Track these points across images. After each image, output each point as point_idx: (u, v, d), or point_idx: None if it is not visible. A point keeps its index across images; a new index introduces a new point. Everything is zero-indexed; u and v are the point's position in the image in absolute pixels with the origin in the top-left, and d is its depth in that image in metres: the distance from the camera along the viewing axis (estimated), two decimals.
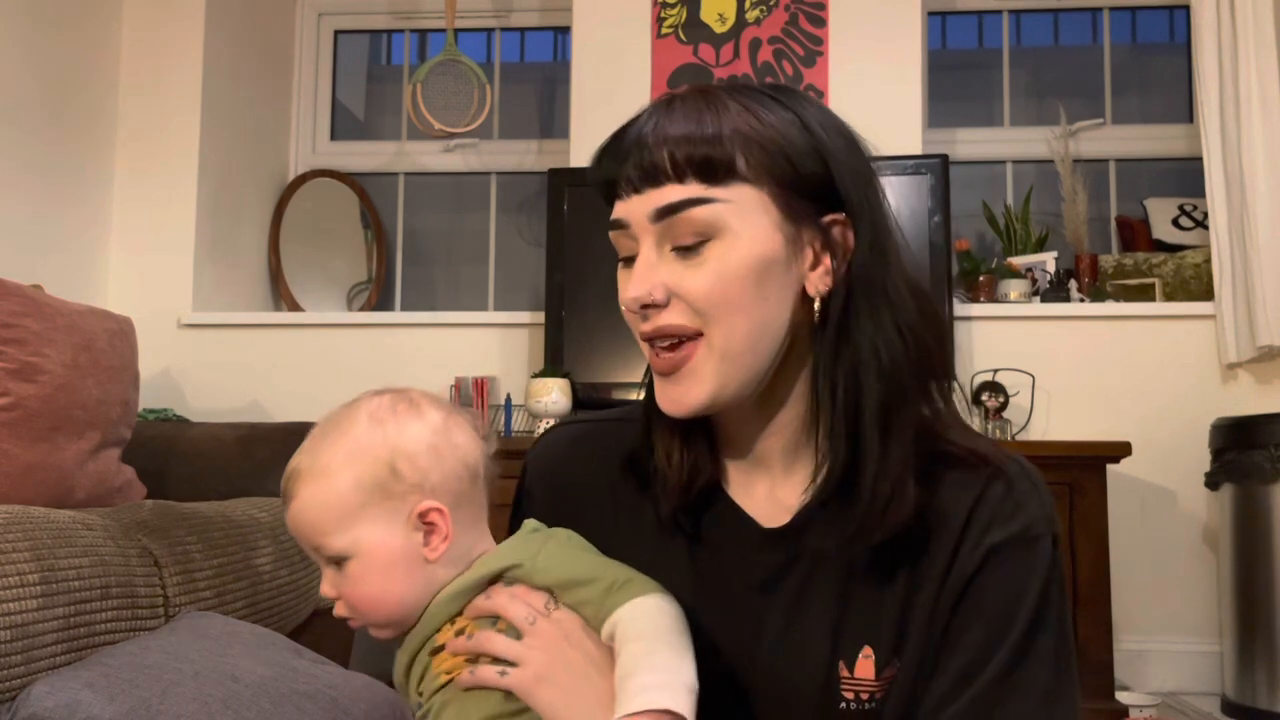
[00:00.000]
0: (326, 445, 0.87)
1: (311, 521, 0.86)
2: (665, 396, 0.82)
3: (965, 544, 0.82)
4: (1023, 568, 0.81)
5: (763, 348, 0.81)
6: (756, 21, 3.05)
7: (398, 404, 0.89)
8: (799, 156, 0.80)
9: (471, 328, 3.12)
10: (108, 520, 1.57)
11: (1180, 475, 2.80)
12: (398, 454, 0.85)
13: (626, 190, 0.82)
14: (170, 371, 3.05)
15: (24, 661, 1.28)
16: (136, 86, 3.10)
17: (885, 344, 0.80)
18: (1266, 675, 2.47)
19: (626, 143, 0.82)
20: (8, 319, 1.72)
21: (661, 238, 0.80)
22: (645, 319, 0.81)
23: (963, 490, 0.83)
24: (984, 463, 0.84)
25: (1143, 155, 3.35)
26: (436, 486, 0.86)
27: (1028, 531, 0.81)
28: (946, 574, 0.82)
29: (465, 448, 0.89)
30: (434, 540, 0.86)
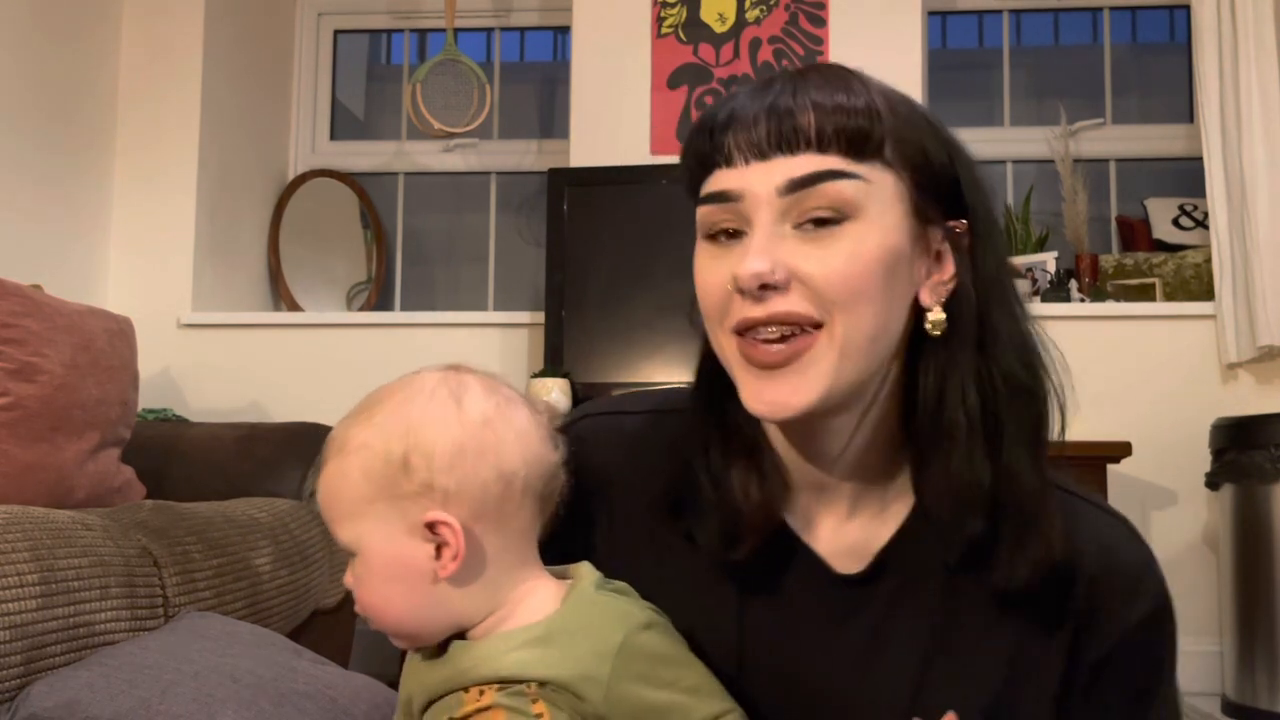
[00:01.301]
0: (360, 418, 0.78)
1: (323, 502, 0.78)
2: (764, 398, 0.71)
3: (1098, 620, 0.75)
4: (1160, 640, 0.77)
5: (879, 350, 0.72)
6: (756, 21, 3.05)
7: (441, 386, 0.78)
8: (934, 151, 0.74)
9: (471, 328, 3.12)
10: (107, 520, 1.57)
11: (1180, 475, 2.80)
12: (414, 446, 0.74)
13: (746, 156, 0.72)
14: (170, 371, 3.05)
15: (24, 661, 1.28)
16: (136, 86, 3.09)
17: (1019, 360, 0.74)
18: (1267, 675, 2.47)
19: (750, 110, 0.72)
20: (7, 319, 1.72)
21: (784, 214, 0.71)
22: (758, 301, 0.70)
23: (1089, 545, 0.76)
24: (1101, 512, 0.78)
25: (1143, 155, 3.35)
26: (452, 494, 0.73)
27: (1163, 601, 0.77)
28: (1073, 644, 0.75)
29: (508, 453, 0.75)
30: (444, 556, 0.74)
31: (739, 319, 0.71)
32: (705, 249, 0.75)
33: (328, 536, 2.35)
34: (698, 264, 0.75)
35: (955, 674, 0.75)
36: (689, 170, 0.76)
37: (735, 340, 0.72)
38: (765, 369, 0.70)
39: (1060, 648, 0.76)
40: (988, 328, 0.74)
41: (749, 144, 0.71)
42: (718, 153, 0.73)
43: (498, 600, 0.76)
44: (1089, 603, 0.75)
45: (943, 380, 0.73)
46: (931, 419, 0.73)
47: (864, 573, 0.77)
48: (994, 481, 0.72)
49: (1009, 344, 0.74)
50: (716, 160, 0.73)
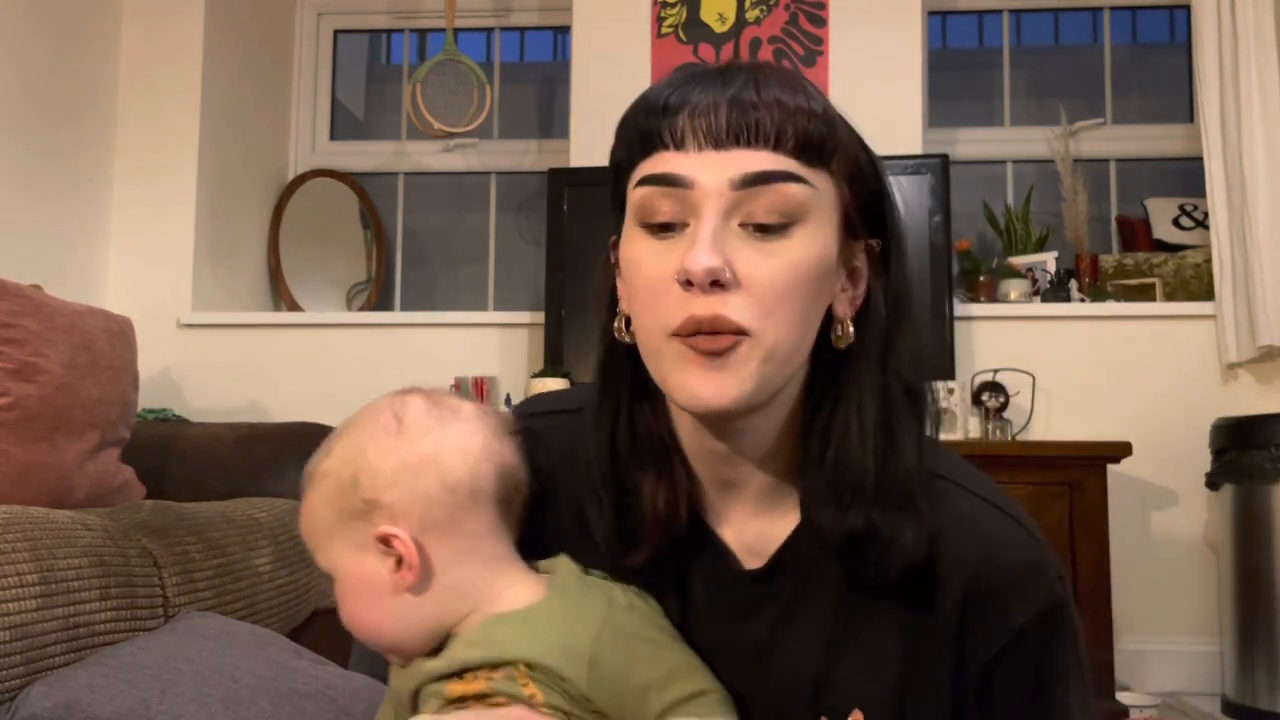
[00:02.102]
0: (324, 450, 0.82)
1: (303, 534, 0.82)
2: (704, 386, 0.69)
3: (984, 619, 0.75)
4: (1052, 640, 0.76)
5: (796, 359, 0.72)
6: (756, 21, 3.05)
7: (386, 409, 0.81)
8: (867, 168, 0.74)
9: (471, 328, 3.12)
10: (107, 520, 1.57)
11: (1181, 475, 2.80)
12: (360, 468, 0.78)
13: (700, 142, 0.69)
14: (170, 371, 3.05)
15: (23, 661, 1.28)
16: (136, 86, 3.09)
17: (910, 373, 0.75)
18: (1267, 675, 2.47)
19: (709, 96, 0.70)
20: (7, 319, 1.71)
21: (732, 210, 0.69)
22: (705, 294, 0.68)
23: (971, 542, 0.75)
24: (988, 508, 0.77)
25: (1143, 155, 3.35)
26: (399, 509, 0.77)
27: (1053, 602, 0.76)
28: (959, 645, 0.75)
29: (450, 463, 0.78)
30: (402, 567, 0.78)
31: (685, 317, 0.68)
32: (642, 238, 0.72)
33: None
34: (633, 252, 0.72)
35: (855, 671, 0.76)
36: (626, 146, 0.73)
37: (675, 340, 0.70)
38: (706, 355, 0.69)
39: (949, 645, 0.76)
40: (891, 343, 0.74)
41: (706, 130, 0.69)
42: (668, 133, 0.70)
43: (473, 600, 0.79)
44: (974, 601, 0.75)
45: (841, 390, 0.74)
46: (826, 423, 0.74)
47: (764, 569, 0.78)
48: (875, 481, 0.73)
49: (907, 357, 0.75)
50: (664, 140, 0.70)
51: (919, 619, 0.76)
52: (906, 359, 0.75)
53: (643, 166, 0.71)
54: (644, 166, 0.71)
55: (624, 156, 0.74)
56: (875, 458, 0.73)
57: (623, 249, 0.74)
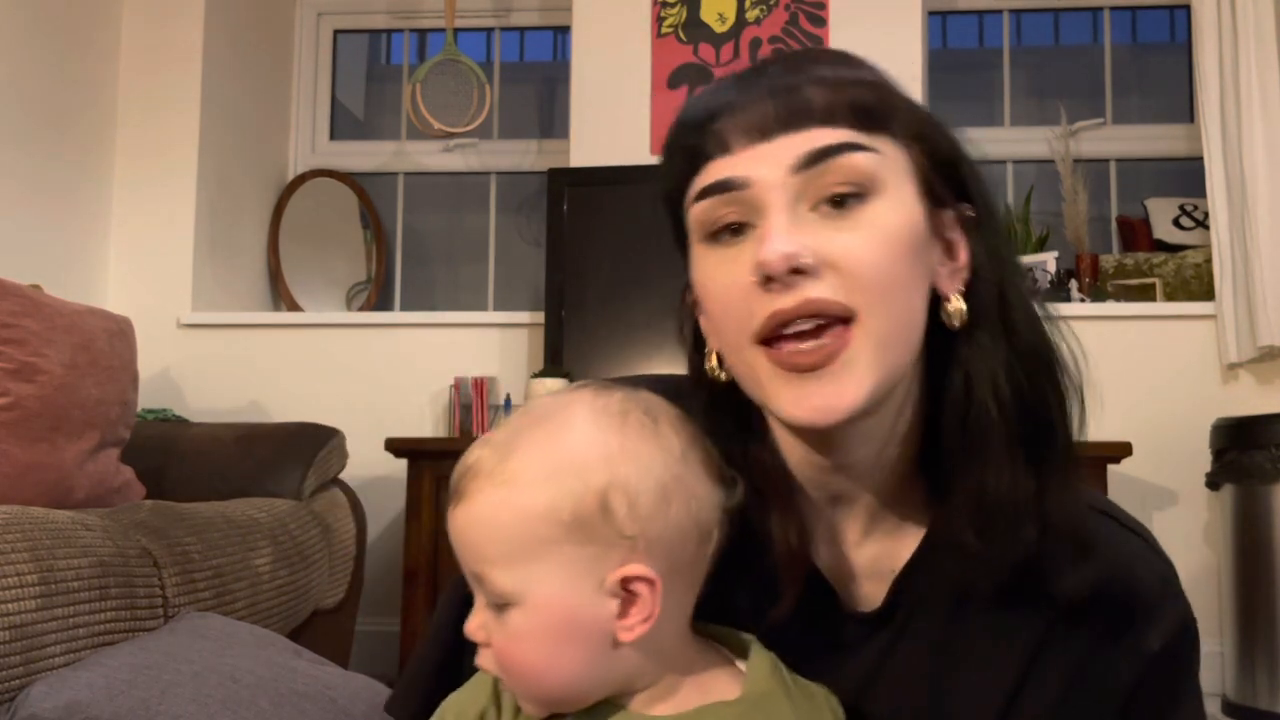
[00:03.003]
0: (525, 444, 0.65)
1: (479, 541, 0.65)
2: (808, 404, 0.63)
3: (1116, 640, 0.70)
4: (1184, 671, 0.72)
5: (912, 341, 0.65)
6: (756, 21, 3.05)
7: (631, 411, 0.66)
8: (934, 127, 0.68)
9: (471, 328, 3.12)
10: (107, 521, 1.57)
11: (1181, 475, 2.80)
12: (615, 485, 0.63)
13: (748, 140, 0.64)
14: (169, 371, 3.05)
15: (23, 662, 1.28)
16: (136, 86, 3.09)
17: (1042, 353, 0.67)
18: (1267, 675, 2.47)
19: (746, 93, 0.66)
20: (7, 319, 1.72)
21: (800, 196, 0.64)
22: (787, 288, 0.62)
23: (1100, 562, 0.69)
24: (1117, 524, 0.72)
25: (1143, 155, 3.35)
26: (653, 544, 0.63)
27: (1186, 624, 0.72)
28: (1082, 676, 0.70)
29: (702, 496, 0.65)
30: (632, 616, 0.63)
31: (769, 314, 0.62)
32: (708, 253, 0.66)
33: (327, 536, 2.36)
34: (703, 271, 0.67)
35: (958, 701, 0.71)
36: (676, 170, 0.68)
37: (763, 352, 0.64)
38: (803, 372, 0.63)
39: (1070, 676, 0.70)
40: (1009, 316, 0.67)
41: (749, 126, 0.65)
42: (712, 142, 0.66)
43: (668, 665, 0.66)
44: (1107, 622, 0.70)
45: (968, 376, 0.66)
46: (960, 419, 0.67)
47: (880, 610, 0.72)
48: (1039, 490, 0.65)
49: (1032, 333, 0.68)
50: (710, 151, 0.66)
51: (1040, 649, 0.70)
52: (1034, 337, 0.68)
53: (695, 184, 0.67)
54: (696, 184, 0.67)
55: (674, 185, 0.69)
56: (1026, 458, 0.65)
57: (694, 273, 0.68)
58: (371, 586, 2.59)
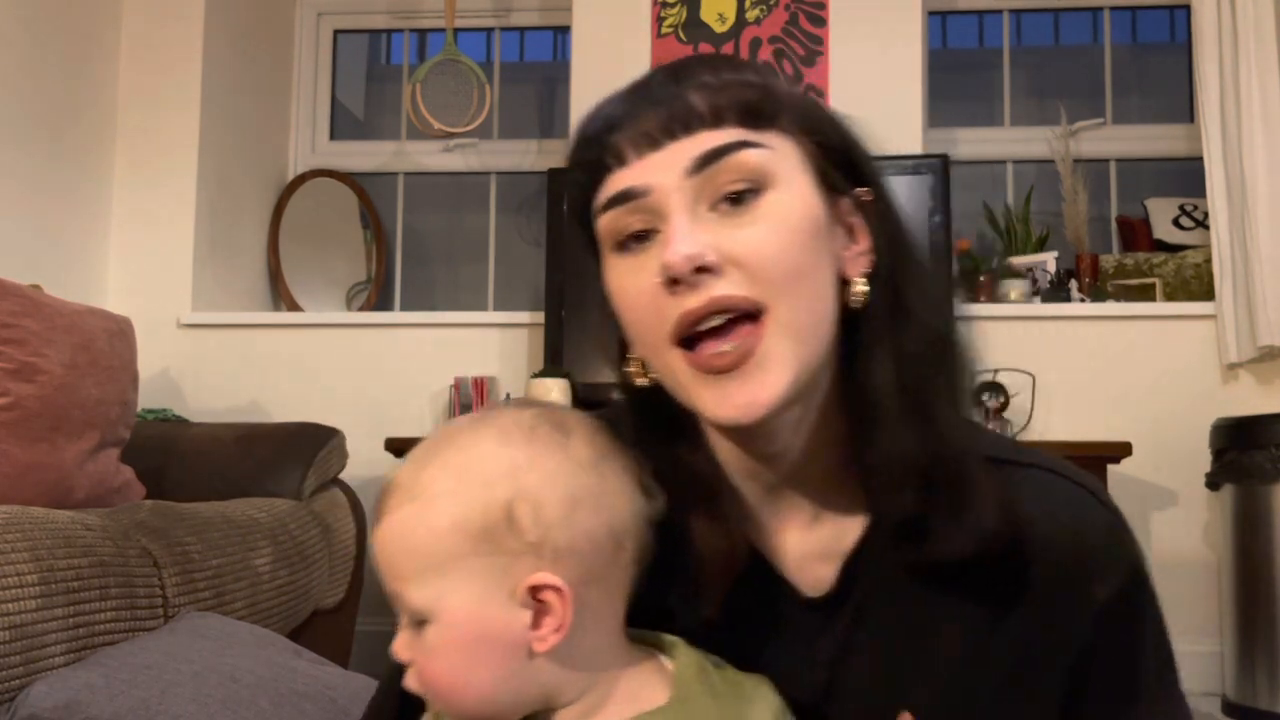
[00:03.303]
0: (436, 460, 0.66)
1: (393, 559, 0.66)
2: (730, 403, 0.65)
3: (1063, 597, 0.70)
4: (1139, 624, 0.72)
5: (824, 329, 0.67)
6: (756, 21, 3.05)
7: (540, 425, 0.67)
8: (823, 118, 0.71)
9: (471, 328, 3.12)
10: (107, 521, 1.57)
11: (1181, 475, 2.80)
12: (520, 495, 0.64)
13: (641, 149, 0.67)
14: (169, 371, 3.05)
15: (23, 662, 1.28)
16: (136, 86, 3.09)
17: (938, 329, 0.70)
18: (1267, 675, 2.47)
19: (632, 105, 0.69)
20: (7, 319, 1.72)
21: (698, 197, 0.66)
22: (694, 288, 0.64)
23: (1043, 511, 0.70)
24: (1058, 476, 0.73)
25: (1143, 155, 3.35)
26: (562, 553, 0.64)
27: (1136, 577, 0.72)
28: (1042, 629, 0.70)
29: (617, 506, 0.66)
30: (544, 626, 0.64)
31: (680, 315, 0.64)
32: (618, 262, 0.68)
33: (328, 536, 2.36)
34: (613, 282, 0.69)
35: (917, 677, 0.71)
36: (579, 186, 0.71)
37: (682, 355, 0.65)
38: (721, 373, 0.64)
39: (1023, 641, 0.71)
40: (903, 296, 0.70)
41: (640, 136, 0.67)
42: (608, 154, 0.68)
43: (594, 678, 0.67)
44: (1051, 580, 0.70)
45: (868, 355, 0.69)
46: (860, 395, 0.69)
47: (831, 593, 0.73)
48: (923, 451, 0.67)
49: (927, 312, 0.70)
50: (608, 164, 0.68)
51: (995, 611, 0.71)
52: (923, 306, 0.70)
53: (598, 197, 0.69)
54: (599, 196, 0.69)
55: (580, 197, 0.71)
56: (914, 424, 0.67)
57: (607, 283, 0.71)
58: (371, 586, 2.59)
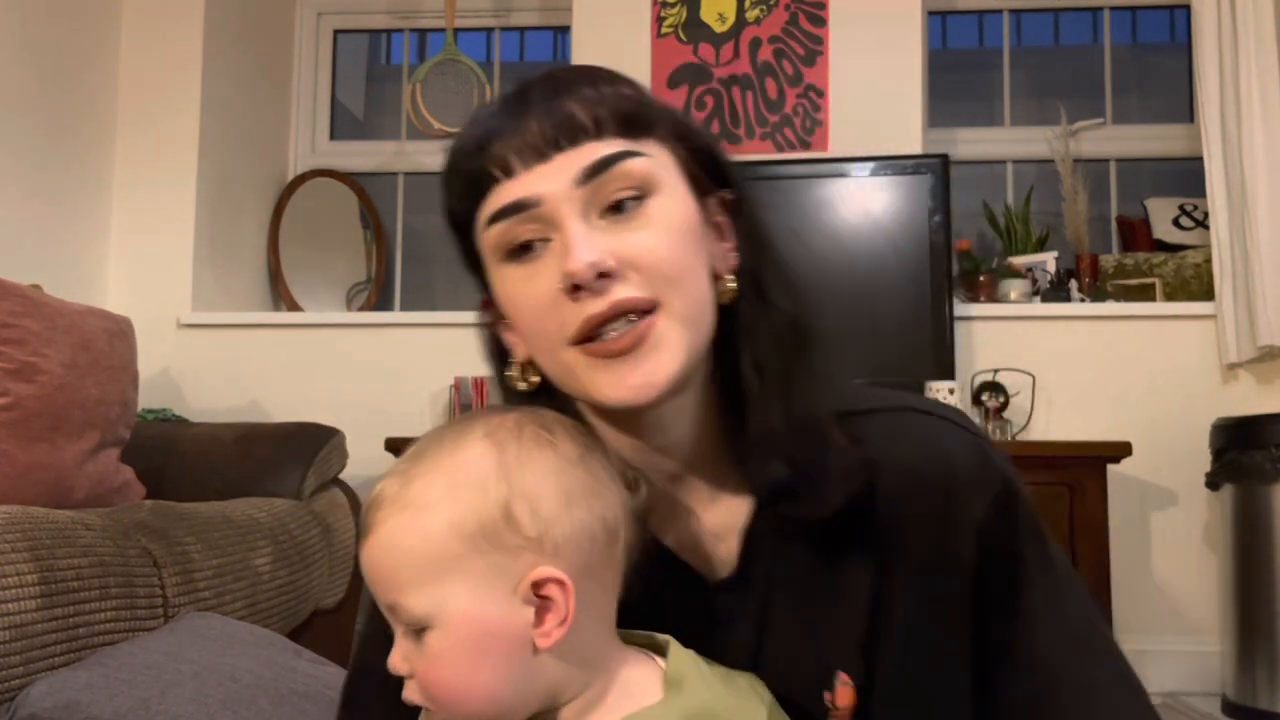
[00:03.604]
0: (424, 469, 0.66)
1: (389, 570, 0.65)
2: (626, 383, 0.68)
3: (944, 522, 0.74)
4: (1020, 532, 0.76)
5: (708, 319, 0.72)
6: (756, 21, 3.05)
7: (525, 425, 0.68)
8: (688, 126, 0.75)
9: (471, 328, 3.10)
10: (107, 520, 1.57)
11: (1181, 475, 2.80)
12: (516, 493, 0.64)
13: (528, 161, 0.69)
14: (169, 371, 3.05)
15: (23, 662, 1.28)
16: (136, 86, 3.09)
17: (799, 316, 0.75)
18: (1267, 675, 2.47)
19: (514, 119, 0.70)
20: (7, 319, 1.72)
21: (587, 205, 0.69)
22: (597, 294, 0.67)
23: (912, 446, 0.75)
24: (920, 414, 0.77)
25: (1143, 155, 3.35)
26: (561, 547, 0.64)
27: (1008, 488, 0.76)
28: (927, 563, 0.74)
29: (608, 499, 0.67)
30: (548, 621, 0.64)
31: (584, 319, 0.67)
32: (511, 271, 0.70)
33: (328, 536, 2.36)
34: (509, 289, 0.71)
35: (843, 633, 0.74)
36: (460, 198, 0.72)
37: (578, 350, 0.68)
38: (616, 357, 0.67)
39: (924, 566, 0.74)
40: (765, 289, 0.74)
41: (526, 148, 0.69)
42: (493, 166, 0.70)
43: (593, 674, 0.67)
44: (930, 510, 0.74)
45: (737, 344, 0.74)
46: (731, 381, 0.74)
47: (736, 572, 0.76)
48: (785, 425, 0.72)
49: (787, 302, 0.75)
50: (493, 176, 0.70)
51: (890, 559, 0.74)
52: (784, 296, 0.75)
53: (484, 209, 0.71)
54: (486, 208, 0.71)
55: (460, 208, 0.73)
56: (778, 399, 0.72)
57: (498, 292, 0.73)
58: None
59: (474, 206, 0.72)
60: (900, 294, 2.76)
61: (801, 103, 3.02)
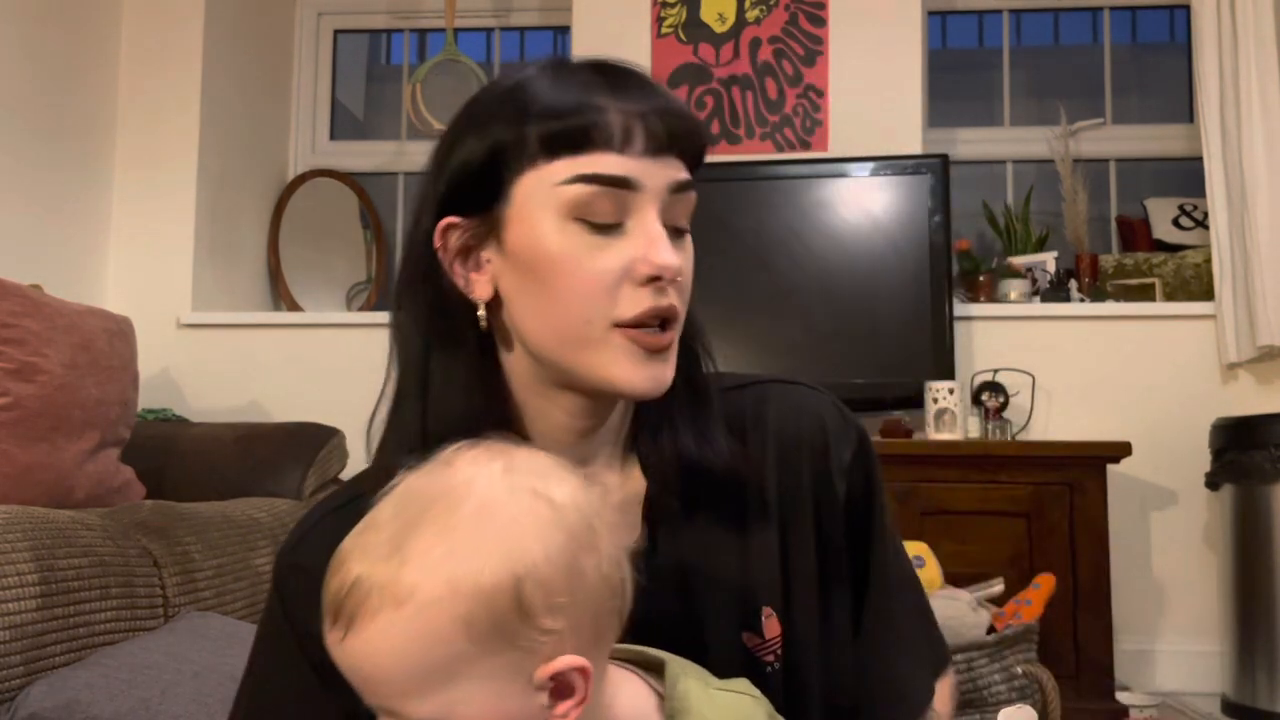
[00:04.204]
0: (415, 545, 0.57)
1: (385, 676, 0.57)
2: (646, 374, 0.74)
3: (824, 467, 0.83)
4: (873, 469, 0.86)
5: None
6: (756, 21, 3.05)
7: (516, 478, 0.61)
8: None
9: None
10: (107, 520, 1.57)
11: (1180, 475, 2.80)
12: (526, 577, 0.56)
13: (645, 148, 0.73)
14: (169, 371, 3.05)
15: (24, 661, 1.28)
16: (136, 86, 3.09)
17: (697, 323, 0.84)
18: (1266, 675, 2.47)
19: (642, 100, 0.74)
20: (7, 319, 1.72)
21: (663, 214, 0.74)
22: (663, 292, 0.74)
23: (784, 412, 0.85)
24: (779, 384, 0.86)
25: (1143, 155, 3.35)
26: (579, 623, 0.58)
27: (863, 435, 0.86)
28: (815, 506, 0.83)
29: (611, 554, 0.61)
30: (565, 705, 0.59)
31: (647, 308, 0.73)
32: (579, 234, 0.73)
33: None
34: (563, 247, 0.73)
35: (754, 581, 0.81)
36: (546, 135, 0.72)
37: (621, 333, 0.73)
38: (653, 353, 0.74)
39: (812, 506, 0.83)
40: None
41: (656, 136, 0.73)
42: (609, 132, 0.72)
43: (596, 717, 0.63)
44: (808, 459, 0.83)
45: None
46: None
47: (645, 542, 0.79)
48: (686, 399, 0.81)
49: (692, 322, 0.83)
50: (602, 140, 0.72)
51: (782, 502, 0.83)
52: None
53: (577, 163, 0.72)
54: (580, 164, 0.72)
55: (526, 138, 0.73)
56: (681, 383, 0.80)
57: (539, 238, 0.73)
58: None
59: (552, 151, 0.72)
60: (900, 294, 2.76)
61: (801, 103, 3.02)
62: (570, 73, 0.75)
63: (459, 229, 0.76)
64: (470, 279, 0.77)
